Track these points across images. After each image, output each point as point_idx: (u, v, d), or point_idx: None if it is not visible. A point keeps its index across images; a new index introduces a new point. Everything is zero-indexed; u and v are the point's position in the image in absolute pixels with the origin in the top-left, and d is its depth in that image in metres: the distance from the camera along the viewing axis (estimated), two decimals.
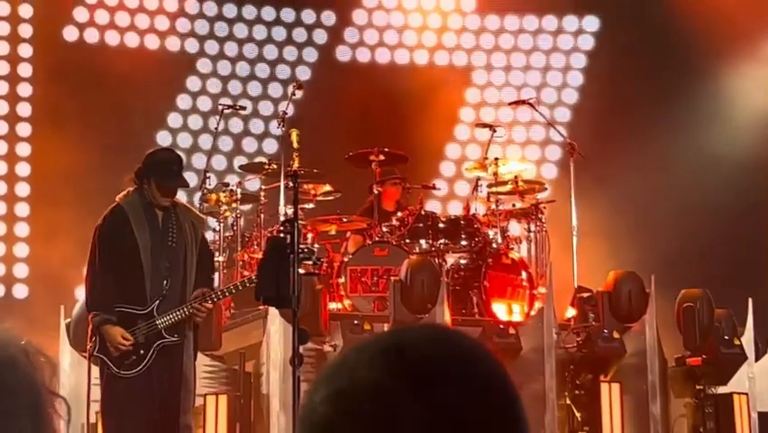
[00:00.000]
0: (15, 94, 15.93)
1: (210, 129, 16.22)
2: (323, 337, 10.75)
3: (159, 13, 16.78)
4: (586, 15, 18.14)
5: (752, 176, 16.74)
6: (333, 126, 14.92)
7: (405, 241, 12.17)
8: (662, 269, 12.56)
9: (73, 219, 13.58)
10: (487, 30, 18.02)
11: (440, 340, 1.72)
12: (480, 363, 1.71)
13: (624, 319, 11.83)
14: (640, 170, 16.14)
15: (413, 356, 1.68)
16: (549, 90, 17.97)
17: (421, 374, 1.66)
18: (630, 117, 16.85)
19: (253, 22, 17.32)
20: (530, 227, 12.99)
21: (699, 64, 17.40)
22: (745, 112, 17.49)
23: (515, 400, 1.71)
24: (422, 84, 17.25)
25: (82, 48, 16.31)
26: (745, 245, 16.24)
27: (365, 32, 17.71)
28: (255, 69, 17.22)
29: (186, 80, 16.84)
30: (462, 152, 17.30)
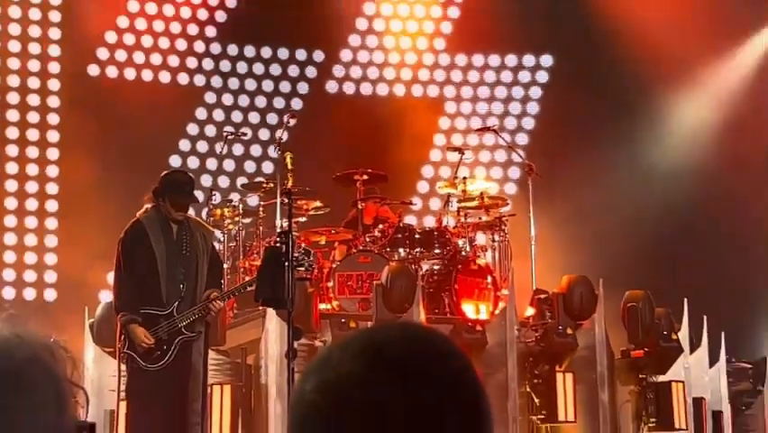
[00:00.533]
0: (45, 122, 15.90)
1: (215, 153, 16.22)
2: (314, 334, 10.73)
3: (170, 52, 16.78)
4: (542, 54, 18.18)
5: (686, 189, 16.78)
6: (323, 150, 14.89)
7: (385, 250, 12.19)
8: (610, 273, 12.56)
9: (96, 232, 13.53)
10: (456, 66, 18.05)
11: (414, 337, 1.70)
12: (451, 358, 1.69)
13: (576, 317, 11.82)
14: (589, 186, 16.15)
15: (390, 353, 1.66)
16: (510, 118, 18.02)
17: (399, 368, 1.64)
18: (580, 140, 16.85)
19: (253, 59, 17.33)
20: (494, 237, 13.02)
21: (639, 92, 17.43)
22: (679, 133, 17.55)
23: (481, 392, 1.69)
24: (400, 113, 17.26)
25: (104, 82, 16.28)
26: (681, 251, 16.27)
27: (350, 68, 17.74)
28: (255, 101, 17.23)
29: (194, 110, 16.83)
30: (435, 172, 17.31)
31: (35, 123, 15.88)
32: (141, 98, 16.12)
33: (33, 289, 15.46)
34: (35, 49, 16.00)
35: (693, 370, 12.16)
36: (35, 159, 15.80)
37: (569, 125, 17.17)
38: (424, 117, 17.47)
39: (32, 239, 15.59)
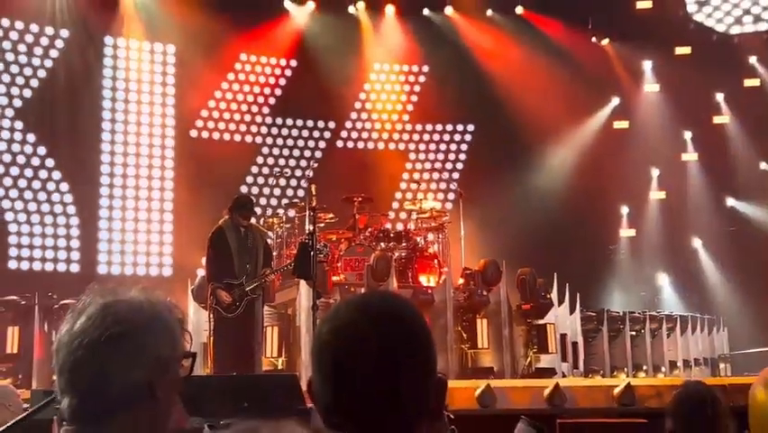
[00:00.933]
0: (164, 165, 15.90)
1: (269, 184, 16.23)
2: (328, 295, 10.74)
3: (241, 122, 16.80)
4: (467, 123, 18.22)
5: (559, 203, 16.87)
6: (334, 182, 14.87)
7: (372, 243, 12.15)
8: (510, 256, 12.53)
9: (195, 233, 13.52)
10: (416, 131, 18.07)
11: (388, 299, 1.69)
12: (409, 310, 1.67)
13: (489, 285, 11.80)
14: (498, 203, 16.16)
15: (373, 307, 1.65)
16: (448, 162, 18.03)
17: (377, 316, 1.63)
18: (492, 175, 16.84)
19: (291, 126, 17.30)
20: (439, 236, 13.00)
21: (529, 143, 17.47)
22: (555, 168, 17.62)
23: (425, 328, 1.68)
24: (381, 159, 17.29)
25: (200, 141, 16.28)
26: (554, 243, 16.29)
27: (351, 132, 17.75)
28: (292, 152, 17.21)
29: (256, 158, 16.83)
30: (403, 195, 17.31)
31: (159, 165, 15.87)
32: (223, 150, 16.13)
33: (157, 267, 15.46)
34: (158, 121, 16.02)
35: (560, 317, 12.15)
36: (159, 187, 15.80)
37: (485, 166, 17.19)
38: (395, 162, 17.49)
39: (156, 237, 15.58)
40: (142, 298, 1.84)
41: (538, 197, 16.99)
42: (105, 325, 1.76)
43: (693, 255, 18.23)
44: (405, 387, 1.58)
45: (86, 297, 1.82)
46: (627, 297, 17.21)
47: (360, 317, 1.62)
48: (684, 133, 18.55)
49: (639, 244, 18.09)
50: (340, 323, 1.63)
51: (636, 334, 13.49)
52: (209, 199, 14.20)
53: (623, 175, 17.90)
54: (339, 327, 1.63)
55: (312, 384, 1.63)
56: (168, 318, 1.85)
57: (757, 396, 1.92)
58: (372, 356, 1.57)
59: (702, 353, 14.53)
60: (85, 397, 1.74)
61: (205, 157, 15.72)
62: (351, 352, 1.59)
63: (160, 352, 1.79)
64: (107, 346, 1.74)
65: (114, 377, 1.74)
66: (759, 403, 1.91)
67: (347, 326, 1.62)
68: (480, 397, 7.30)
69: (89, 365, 1.74)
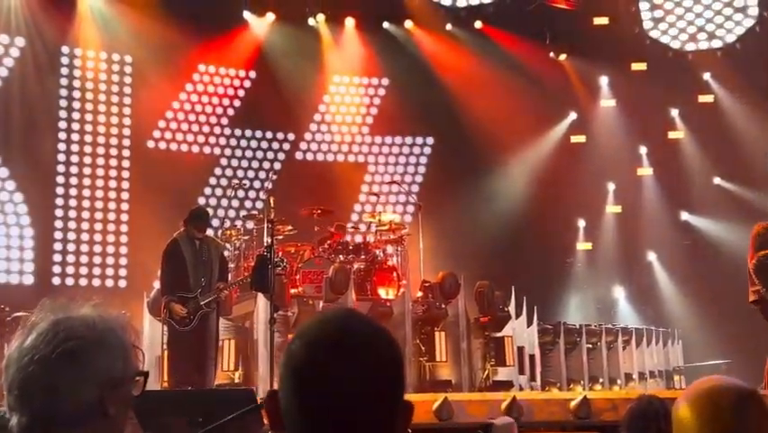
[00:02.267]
0: (121, 176, 15.73)
1: (227, 195, 16.14)
2: (286, 308, 10.70)
3: (199, 133, 16.68)
4: (427, 136, 18.31)
5: (517, 216, 17.01)
6: (293, 194, 14.83)
7: (331, 255, 12.14)
8: (468, 269, 12.60)
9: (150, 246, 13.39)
10: (375, 143, 18.11)
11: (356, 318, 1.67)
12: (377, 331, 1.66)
13: (447, 297, 11.86)
14: (457, 216, 16.29)
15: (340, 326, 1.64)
16: (408, 175, 18.10)
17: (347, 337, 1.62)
18: (451, 188, 16.98)
19: (249, 138, 17.24)
20: (398, 249, 13.03)
21: (488, 156, 17.60)
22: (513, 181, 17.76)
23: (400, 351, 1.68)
24: (340, 171, 17.30)
25: (157, 152, 16.15)
26: (511, 257, 16.43)
27: (311, 143, 17.73)
28: (251, 163, 17.14)
29: (214, 169, 16.73)
30: (362, 208, 17.33)
31: (115, 176, 15.70)
32: (181, 162, 16.01)
33: (113, 280, 15.27)
34: (114, 131, 15.85)
35: (517, 329, 12.21)
36: (115, 198, 15.62)
37: (444, 179, 17.30)
38: (355, 174, 17.52)
39: (111, 249, 15.39)
40: (95, 314, 1.83)
41: (497, 210, 17.11)
42: (57, 341, 1.75)
43: (648, 269, 18.49)
44: (375, 411, 1.57)
45: (37, 312, 1.81)
46: (584, 310, 17.38)
47: (327, 336, 1.61)
48: (640, 148, 18.84)
49: (595, 257, 18.29)
50: (309, 340, 1.62)
51: (593, 346, 13.62)
52: (166, 211, 14.05)
53: (580, 188, 18.10)
54: (311, 343, 1.61)
55: (272, 399, 1.61)
56: (120, 336, 1.84)
57: (680, 413, 1.92)
58: (348, 381, 1.57)
59: (657, 365, 14.71)
60: (35, 415, 1.72)
61: (162, 168, 15.58)
62: (325, 373, 1.57)
63: (112, 369, 1.78)
64: (58, 363, 1.73)
65: (65, 394, 1.72)
66: (681, 420, 1.91)
67: (316, 344, 1.61)
68: (438, 410, 7.32)
69: (40, 382, 1.72)
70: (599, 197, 18.73)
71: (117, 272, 15.25)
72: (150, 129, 16.16)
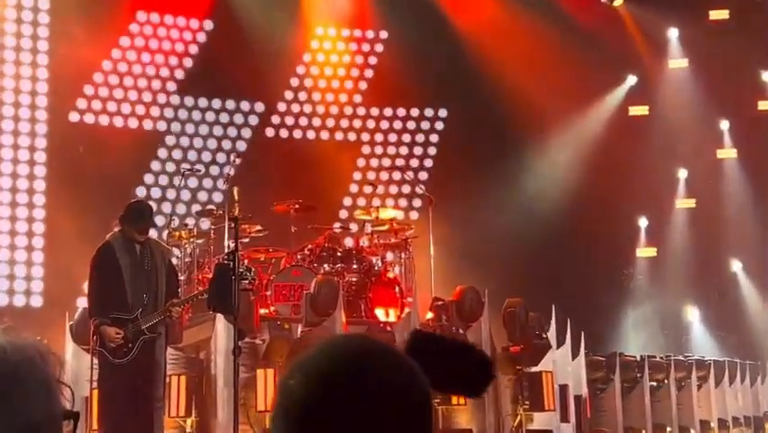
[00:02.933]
0: (33, 159, 15.69)
1: (174, 185, 16.13)
2: (254, 334, 10.69)
3: (138, 103, 16.66)
4: (439, 107, 18.31)
5: (558, 215, 17.00)
6: (262, 184, 14.82)
7: (313, 265, 12.15)
8: (494, 283, 12.62)
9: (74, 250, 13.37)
10: (371, 116, 18.12)
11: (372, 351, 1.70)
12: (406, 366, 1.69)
13: (467, 320, 11.86)
14: (479, 212, 16.28)
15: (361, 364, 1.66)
16: (414, 159, 18.11)
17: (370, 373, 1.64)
18: (471, 175, 16.98)
19: (205, 109, 17.26)
20: (401, 255, 13.04)
21: (519, 135, 17.62)
22: (554, 168, 17.75)
23: (427, 391, 1.70)
24: (325, 154, 17.30)
25: (82, 127, 16.12)
26: (551, 267, 16.44)
27: (285, 117, 17.74)
28: (207, 143, 17.15)
29: (157, 151, 16.72)
30: (353, 201, 17.34)
31: (26, 159, 15.66)
32: (113, 140, 15.97)
33: (23, 296, 15.24)
34: (25, 100, 15.82)
35: (559, 362, 12.22)
36: (26, 189, 15.59)
37: (461, 164, 17.30)
38: (344, 157, 17.53)
39: (22, 255, 15.36)
40: (4, 342, 1.83)
41: (531, 205, 17.12)
42: None
43: (732, 282, 18.51)
44: None
45: None
46: (647, 336, 17.40)
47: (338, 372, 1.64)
48: (720, 123, 18.86)
49: (662, 267, 18.31)
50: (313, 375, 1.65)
51: (658, 385, 13.65)
52: (94, 206, 14.03)
53: (641, 176, 18.12)
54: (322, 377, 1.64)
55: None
56: (41, 368, 1.84)
57: None
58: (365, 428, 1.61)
59: (743, 409, 14.73)
60: None
61: (89, 149, 15.57)
62: (340, 418, 1.61)
63: (29, 413, 1.79)
64: None
65: None
66: None
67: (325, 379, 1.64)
68: None
69: None
70: (667, 187, 18.74)
71: (29, 287, 15.23)
72: (72, 97, 16.14)
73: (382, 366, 1.67)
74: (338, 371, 1.65)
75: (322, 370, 1.65)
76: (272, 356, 10.55)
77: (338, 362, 1.66)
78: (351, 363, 1.66)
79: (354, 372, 1.65)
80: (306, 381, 1.65)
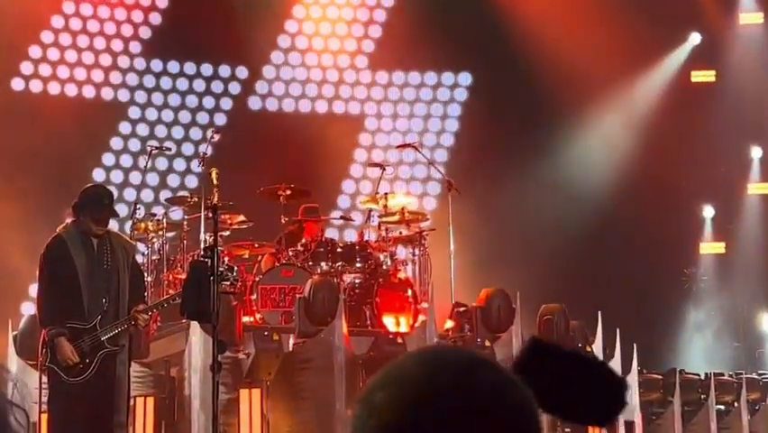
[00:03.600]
0: None
1: (139, 167, 16.12)
2: (237, 346, 10.70)
3: (94, 67, 16.66)
4: (460, 72, 18.29)
5: (602, 204, 16.97)
6: (246, 165, 14.86)
7: (308, 263, 12.14)
8: (526, 286, 12.61)
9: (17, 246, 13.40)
10: (377, 84, 18.10)
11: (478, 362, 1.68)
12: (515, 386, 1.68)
13: (494, 330, 11.86)
14: (508, 201, 16.27)
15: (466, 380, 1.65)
16: (430, 135, 18.11)
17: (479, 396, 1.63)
18: (499, 156, 16.97)
19: (177, 75, 17.26)
20: (414, 252, 13.01)
21: (556, 109, 17.59)
22: (596, 149, 17.72)
23: (537, 410, 1.69)
24: (322, 129, 17.28)
25: (27, 96, 16.12)
26: (595, 266, 16.44)
27: (273, 84, 17.73)
28: (179, 116, 17.16)
29: (118, 125, 16.72)
30: (356, 187, 17.34)
31: None
32: (64, 113, 15.98)
33: None
34: None
35: None
36: None
37: (487, 142, 17.27)
38: (345, 133, 17.50)
39: None
40: None
41: (571, 191, 17.11)
42: None
43: None
44: None
45: None
46: (713, 350, 17.39)
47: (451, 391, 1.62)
48: None
49: (731, 267, 18.28)
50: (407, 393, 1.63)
51: (727, 408, 13.64)
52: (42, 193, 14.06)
53: (705, 157, 18.09)
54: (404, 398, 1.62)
55: None
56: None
57: None
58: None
59: None
60: None
61: (36, 123, 15.58)
62: None
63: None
64: None
65: None
66: None
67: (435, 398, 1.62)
68: None
69: None
70: (737, 169, 18.71)
71: None
72: (15, 61, 16.16)
73: (493, 379, 1.65)
74: (443, 382, 1.62)
75: (420, 381, 1.62)
76: (258, 373, 10.56)
77: (441, 373, 1.63)
78: (457, 373, 1.63)
79: (463, 384, 1.62)
80: (402, 394, 1.62)
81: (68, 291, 8.77)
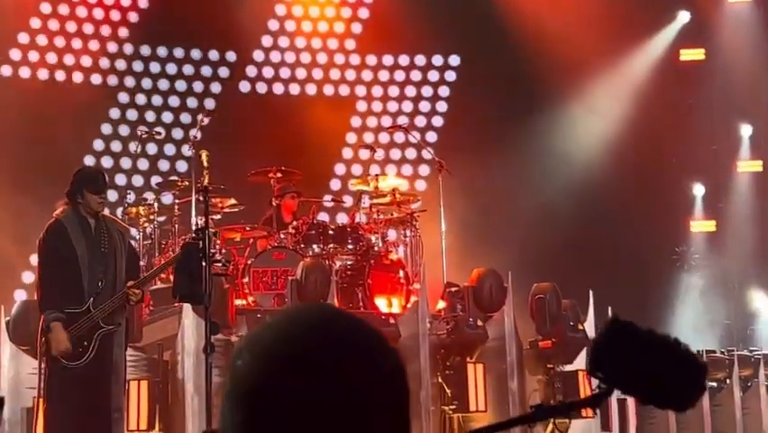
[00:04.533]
0: None
1: (129, 152, 16.11)
2: (230, 329, 10.71)
3: (83, 53, 16.63)
4: (450, 54, 18.27)
5: (592, 182, 16.97)
6: (237, 149, 14.86)
7: (300, 246, 12.16)
8: (518, 266, 12.65)
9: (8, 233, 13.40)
10: (367, 66, 18.08)
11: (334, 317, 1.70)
12: (374, 337, 1.70)
13: (486, 310, 11.90)
14: (498, 181, 16.26)
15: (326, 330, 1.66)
16: (420, 117, 18.11)
17: (333, 349, 1.64)
18: (489, 136, 16.94)
19: (166, 60, 17.23)
20: (406, 233, 13.03)
21: (546, 88, 17.56)
22: (586, 127, 17.71)
23: (403, 370, 1.71)
24: (312, 112, 17.27)
25: (16, 82, 16.09)
26: (586, 245, 16.43)
27: (263, 68, 17.71)
28: (168, 101, 17.13)
29: (108, 110, 16.69)
30: (347, 169, 17.34)
31: None
32: (54, 99, 15.95)
33: None
34: None
35: None
36: None
37: (477, 122, 17.27)
38: (335, 116, 17.50)
39: None
40: None
41: (562, 171, 17.12)
42: None
43: None
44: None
45: None
46: (704, 327, 17.41)
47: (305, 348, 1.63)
48: None
49: (722, 244, 18.31)
50: (277, 351, 1.64)
51: (719, 386, 13.66)
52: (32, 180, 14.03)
53: (695, 135, 18.10)
54: (274, 355, 1.63)
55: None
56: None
57: None
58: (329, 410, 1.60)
59: None
60: None
61: (25, 109, 15.53)
62: (297, 401, 1.60)
63: None
64: None
65: None
66: None
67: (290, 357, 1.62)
68: None
69: None
70: (728, 147, 18.72)
71: None
72: (3, 48, 16.11)
73: (342, 338, 1.66)
74: (290, 345, 1.63)
75: (270, 346, 1.64)
76: None
77: (290, 336, 1.65)
78: (305, 335, 1.65)
79: (310, 346, 1.63)
80: (255, 360, 1.64)
81: (68, 275, 8.73)
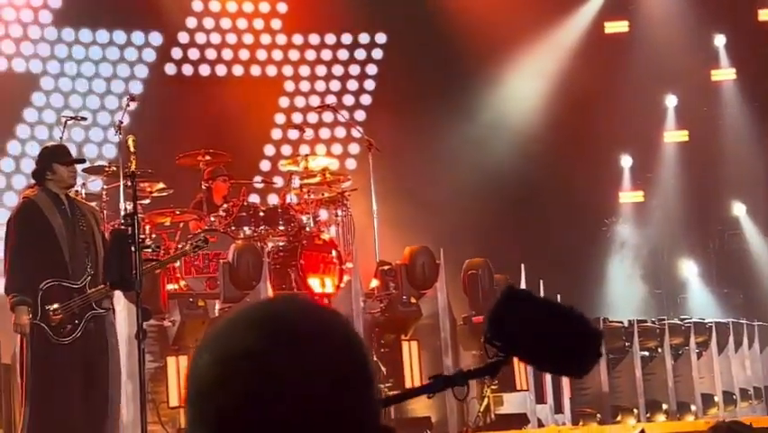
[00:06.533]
0: None
1: (55, 138, 15.94)
2: (162, 314, 10.66)
3: (4, 38, 16.43)
4: (376, 32, 18.25)
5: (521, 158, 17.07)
6: (165, 132, 14.77)
7: (231, 228, 12.11)
8: (450, 242, 12.71)
9: None
10: (293, 45, 18.00)
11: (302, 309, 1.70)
12: (337, 325, 1.69)
13: (419, 287, 11.93)
14: (428, 158, 16.34)
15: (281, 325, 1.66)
16: (348, 95, 18.09)
17: (289, 339, 1.64)
18: (417, 114, 17.00)
19: (89, 44, 17.06)
20: (337, 213, 13.02)
21: (472, 65, 17.63)
22: (513, 103, 17.80)
23: (368, 357, 1.71)
24: (239, 93, 17.22)
25: None
26: (516, 219, 16.54)
27: (188, 50, 17.60)
28: (93, 85, 16.98)
29: (31, 97, 16.52)
30: (277, 150, 17.31)
31: None
32: None
33: None
34: None
35: None
36: None
37: (405, 100, 17.31)
38: (263, 97, 17.46)
39: None
40: None
41: (491, 147, 17.20)
42: None
43: (734, 229, 18.73)
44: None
45: None
46: (635, 298, 17.59)
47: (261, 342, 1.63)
48: (715, 39, 18.99)
49: (650, 215, 18.49)
50: (228, 350, 1.64)
51: (651, 355, 13.82)
52: None
53: (622, 107, 18.23)
54: (227, 355, 1.63)
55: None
56: None
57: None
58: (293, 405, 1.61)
59: (753, 379, 14.95)
60: None
61: None
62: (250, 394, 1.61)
63: None
64: None
65: None
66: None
67: (240, 353, 1.63)
68: None
69: None
70: (653, 117, 18.90)
71: None
72: None
73: (305, 333, 1.66)
74: (250, 344, 1.63)
75: (229, 345, 1.64)
76: (185, 340, 10.52)
77: (249, 333, 1.65)
78: (265, 332, 1.64)
79: (270, 344, 1.63)
80: (213, 360, 1.65)
81: (47, 248, 8.64)
